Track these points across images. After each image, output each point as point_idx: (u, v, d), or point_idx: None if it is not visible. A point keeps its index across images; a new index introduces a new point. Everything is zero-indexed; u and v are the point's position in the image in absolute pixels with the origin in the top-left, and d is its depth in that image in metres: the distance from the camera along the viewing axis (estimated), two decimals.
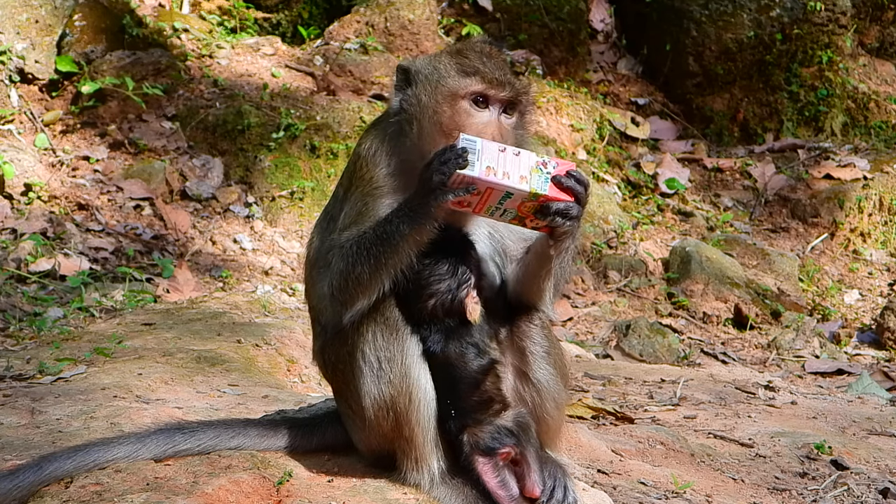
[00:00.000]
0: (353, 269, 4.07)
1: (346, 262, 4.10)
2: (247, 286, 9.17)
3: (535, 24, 12.50)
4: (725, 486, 5.19)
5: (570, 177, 3.99)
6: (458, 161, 3.89)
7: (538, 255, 4.20)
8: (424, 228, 4.00)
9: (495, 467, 4.12)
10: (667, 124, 12.60)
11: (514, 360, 4.28)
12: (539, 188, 3.95)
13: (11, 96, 10.58)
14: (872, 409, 6.83)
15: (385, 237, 4.04)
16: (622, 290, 10.18)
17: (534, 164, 3.96)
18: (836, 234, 11.26)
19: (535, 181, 3.95)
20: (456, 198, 3.93)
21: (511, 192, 3.94)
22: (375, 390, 4.12)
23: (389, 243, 4.03)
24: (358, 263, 4.06)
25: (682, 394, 6.87)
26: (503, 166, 3.92)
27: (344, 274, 4.09)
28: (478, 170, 3.90)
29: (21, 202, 9.77)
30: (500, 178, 3.91)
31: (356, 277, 4.07)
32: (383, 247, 4.03)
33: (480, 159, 3.90)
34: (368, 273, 4.05)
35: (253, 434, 4.42)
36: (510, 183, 3.92)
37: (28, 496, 4.16)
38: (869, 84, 12.88)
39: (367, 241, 4.07)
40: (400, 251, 4.03)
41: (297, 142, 10.59)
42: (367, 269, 4.05)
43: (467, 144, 3.92)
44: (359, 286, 4.08)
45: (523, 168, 3.94)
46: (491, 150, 3.94)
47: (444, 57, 4.24)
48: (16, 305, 8.17)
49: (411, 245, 4.03)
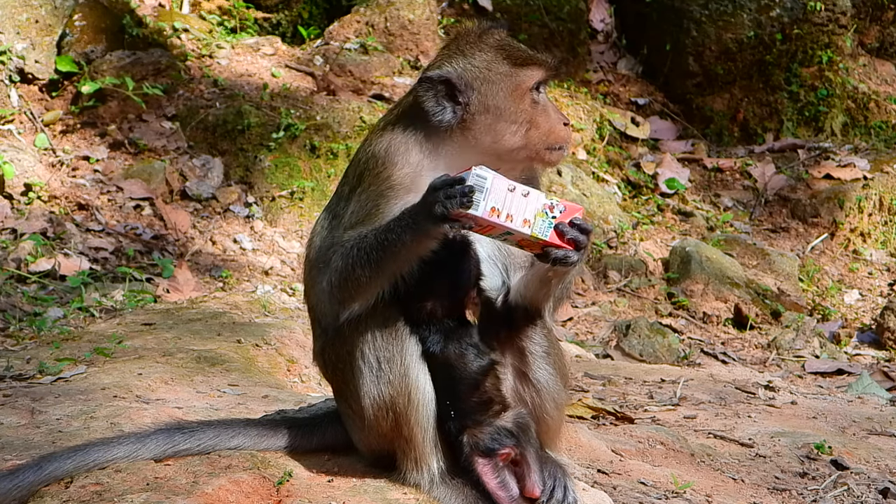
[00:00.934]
0: (352, 271, 4.07)
1: (345, 262, 4.09)
2: (247, 286, 9.17)
3: (535, 24, 12.49)
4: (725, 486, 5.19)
5: (573, 226, 3.98)
6: (461, 200, 3.86)
7: (539, 276, 4.21)
8: (424, 244, 4.00)
9: (495, 468, 4.12)
10: (667, 124, 12.60)
11: (514, 361, 4.28)
12: (541, 234, 3.94)
13: (11, 96, 10.58)
14: (872, 409, 6.83)
15: (386, 244, 4.02)
16: (622, 290, 10.18)
17: (540, 206, 3.94)
18: (836, 234, 11.26)
19: (538, 226, 3.93)
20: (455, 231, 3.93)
21: (511, 231, 3.95)
22: (375, 390, 4.12)
23: (390, 251, 4.02)
24: (357, 266, 4.06)
25: (682, 394, 6.87)
26: (508, 208, 3.90)
27: (343, 274, 4.09)
28: (482, 210, 3.87)
29: (21, 202, 9.77)
30: (503, 221, 3.90)
31: (355, 279, 4.07)
32: (384, 252, 4.02)
33: (487, 199, 3.87)
34: (367, 277, 4.05)
35: (253, 434, 4.42)
36: (511, 225, 3.91)
37: (28, 496, 4.16)
38: (869, 84, 12.88)
39: (367, 244, 4.05)
40: (400, 259, 4.03)
41: (297, 142, 10.59)
42: (366, 272, 4.05)
43: (477, 182, 3.88)
44: (357, 288, 4.08)
45: (528, 212, 3.92)
46: (499, 189, 3.90)
47: (486, 55, 4.20)
48: (16, 305, 8.17)
49: (412, 254, 4.02)
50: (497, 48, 4.22)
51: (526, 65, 4.18)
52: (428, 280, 4.13)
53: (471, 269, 4.18)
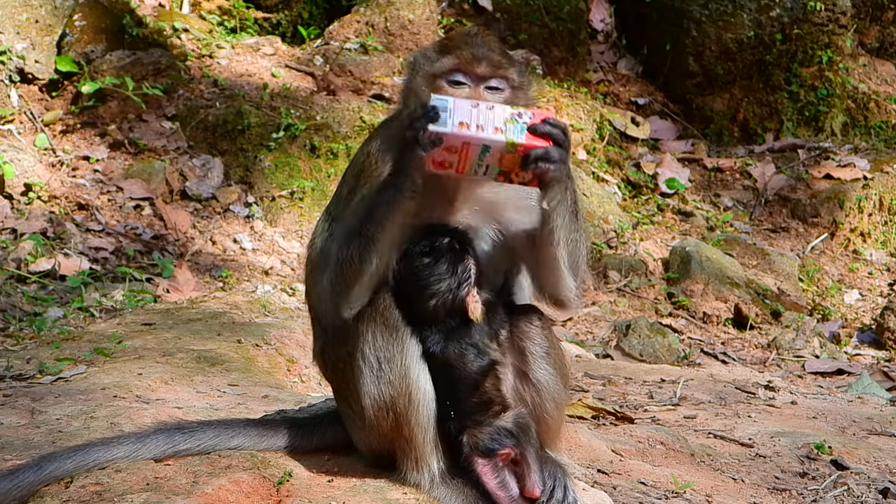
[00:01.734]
0: (345, 252, 4.07)
1: (338, 247, 4.11)
2: (247, 286, 9.17)
3: (535, 24, 12.50)
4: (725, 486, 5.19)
5: (545, 123, 3.97)
6: (427, 116, 3.89)
7: (540, 221, 4.14)
8: (404, 193, 3.99)
9: (495, 468, 4.12)
10: (667, 124, 12.60)
11: (514, 361, 4.27)
12: (515, 137, 3.94)
13: (11, 96, 10.58)
14: (872, 409, 6.83)
15: (370, 212, 4.04)
16: (622, 290, 10.18)
17: (508, 115, 3.96)
18: (836, 234, 11.26)
19: (510, 131, 3.94)
20: (430, 153, 3.92)
21: (488, 145, 3.93)
22: (375, 390, 4.12)
23: (374, 217, 4.03)
24: (349, 245, 4.06)
25: (682, 394, 6.87)
26: (476, 120, 3.92)
27: (338, 259, 4.10)
28: (450, 125, 3.90)
29: (21, 202, 9.77)
30: (474, 132, 3.91)
31: (348, 260, 4.06)
32: (370, 222, 4.03)
33: (453, 116, 3.91)
34: (358, 253, 4.04)
35: (253, 434, 4.42)
36: (484, 135, 3.91)
37: (28, 496, 4.15)
38: (869, 84, 12.88)
39: (356, 222, 4.07)
40: (384, 223, 4.02)
41: (297, 142, 10.59)
42: (356, 248, 4.05)
43: (438, 103, 3.93)
44: (351, 268, 4.06)
45: (498, 120, 3.94)
46: (463, 106, 3.94)
47: (433, 42, 4.25)
48: (16, 305, 8.17)
49: (395, 215, 4.01)
50: (445, 36, 4.25)
51: (444, 53, 4.16)
52: (428, 280, 4.13)
53: (470, 267, 4.18)
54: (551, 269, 4.20)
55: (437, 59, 4.16)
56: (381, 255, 4.06)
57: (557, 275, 4.20)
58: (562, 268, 4.18)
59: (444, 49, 4.17)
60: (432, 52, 4.20)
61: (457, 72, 4.12)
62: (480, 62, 4.11)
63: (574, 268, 4.20)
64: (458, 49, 4.13)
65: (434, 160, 3.96)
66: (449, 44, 4.19)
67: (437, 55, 4.17)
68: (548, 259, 4.18)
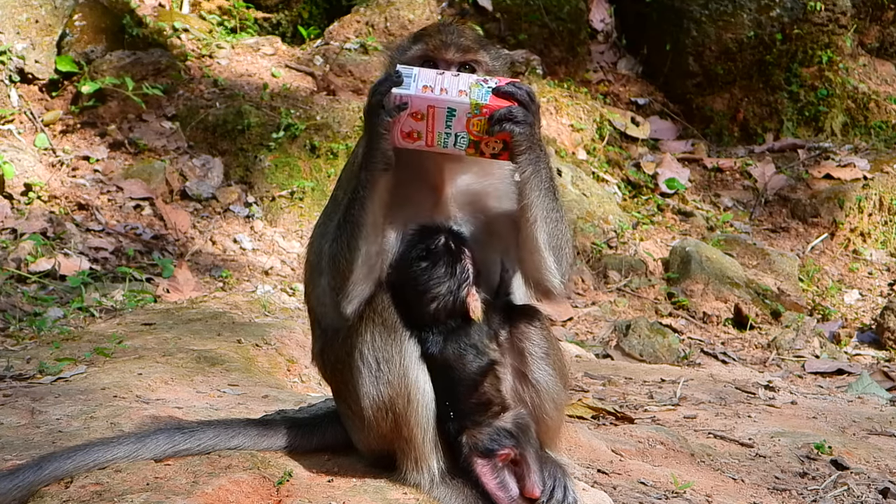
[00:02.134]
0: (336, 245, 4.09)
1: (330, 243, 4.13)
2: (247, 286, 9.17)
3: (535, 24, 12.49)
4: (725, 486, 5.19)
5: (510, 85, 3.98)
6: (391, 80, 3.93)
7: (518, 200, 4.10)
8: (377, 165, 3.99)
9: (494, 469, 4.12)
10: (667, 124, 12.60)
11: (514, 361, 4.27)
12: (480, 99, 3.95)
13: (11, 96, 10.58)
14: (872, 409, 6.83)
15: (351, 198, 4.07)
16: (622, 290, 10.18)
17: (474, 80, 3.99)
18: (836, 234, 11.26)
19: (475, 93, 3.96)
20: (395, 117, 3.93)
21: (453, 108, 3.94)
22: (374, 391, 4.12)
23: (354, 201, 4.05)
24: (339, 237, 4.09)
25: (682, 394, 6.87)
26: (441, 84, 3.96)
27: (330, 255, 4.12)
28: (414, 88, 3.94)
29: (21, 202, 9.77)
30: (438, 94, 3.94)
31: (340, 251, 4.08)
32: (352, 208, 4.05)
33: (417, 81, 3.95)
34: (346, 242, 4.06)
35: (253, 434, 4.42)
36: (448, 97, 3.94)
37: (28, 496, 4.16)
38: (869, 84, 12.88)
39: (342, 214, 4.10)
40: (365, 203, 4.03)
41: (297, 142, 10.59)
42: (345, 238, 4.07)
43: (403, 70, 3.98)
44: (343, 259, 4.07)
45: (462, 84, 3.97)
46: (428, 73, 3.99)
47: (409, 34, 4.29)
48: (16, 305, 8.17)
49: (372, 192, 4.02)
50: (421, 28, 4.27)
51: (415, 41, 4.20)
52: (428, 284, 4.13)
53: (468, 267, 4.17)
54: (531, 250, 4.13)
55: (409, 47, 4.20)
56: (368, 239, 4.06)
57: (538, 257, 4.13)
58: (541, 248, 4.11)
59: (417, 38, 4.22)
60: (405, 42, 4.25)
61: (426, 58, 4.15)
62: (449, 47, 4.15)
63: (556, 249, 4.12)
64: (429, 36, 4.18)
65: (402, 132, 3.98)
66: (421, 33, 4.23)
67: (409, 44, 4.22)
68: (527, 240, 4.12)
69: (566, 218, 4.20)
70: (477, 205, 4.23)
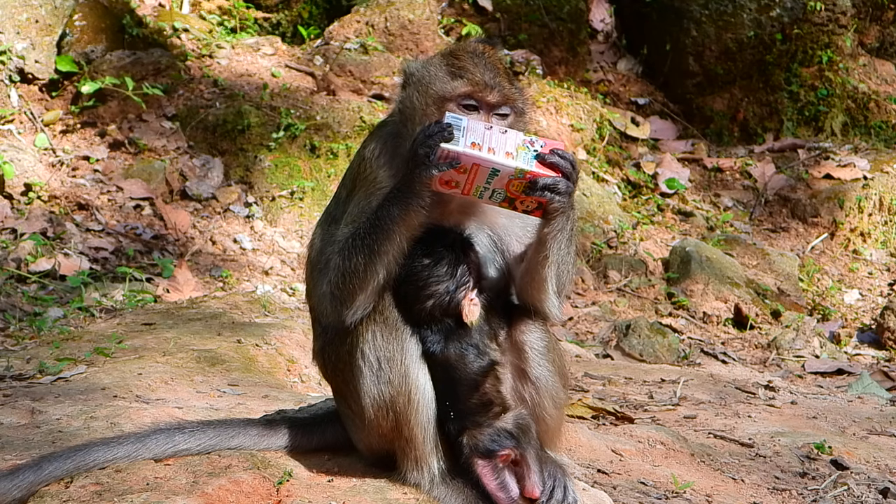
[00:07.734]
0: (349, 262, 4.08)
1: (342, 256, 4.11)
2: (247, 286, 9.17)
3: (535, 24, 12.49)
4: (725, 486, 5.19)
5: (554, 154, 4.01)
6: (442, 134, 3.92)
7: (535, 243, 4.18)
8: (412, 208, 4.01)
9: (494, 469, 4.12)
10: (667, 124, 12.60)
11: (513, 358, 4.28)
12: (525, 165, 3.96)
13: (11, 96, 10.57)
14: (872, 409, 6.83)
15: (377, 224, 4.05)
16: (622, 290, 10.18)
17: (520, 141, 3.99)
18: (836, 233, 11.26)
19: (521, 158, 3.97)
20: (441, 172, 3.94)
21: (497, 170, 3.95)
22: (375, 390, 4.12)
23: (381, 229, 4.04)
24: (353, 255, 4.07)
25: (682, 394, 6.87)
26: (489, 142, 3.95)
27: (341, 269, 4.10)
28: (462, 145, 3.92)
29: (21, 202, 9.76)
30: (486, 154, 3.93)
31: (352, 270, 4.07)
32: (376, 234, 4.04)
33: (465, 135, 3.93)
34: (363, 264, 4.06)
35: (253, 434, 4.42)
36: (495, 159, 3.94)
37: (28, 496, 4.16)
38: (869, 84, 12.88)
39: (360, 232, 4.08)
40: (392, 237, 4.03)
41: (297, 142, 10.59)
42: (361, 259, 4.06)
43: (453, 121, 3.95)
44: (355, 279, 4.07)
45: (509, 145, 3.97)
46: (476, 127, 3.97)
47: (437, 58, 4.26)
48: (16, 305, 8.17)
49: (402, 229, 4.03)
50: (450, 54, 4.24)
51: (455, 76, 4.15)
52: (427, 281, 4.13)
53: (470, 270, 4.18)
54: (539, 289, 4.23)
55: (448, 81, 4.15)
56: (388, 266, 4.08)
57: (544, 295, 4.24)
58: (549, 289, 4.23)
59: (455, 72, 4.16)
60: (440, 72, 4.18)
61: (469, 98, 4.14)
62: (493, 90, 4.14)
63: (560, 288, 4.25)
64: (470, 73, 4.14)
65: (441, 179, 3.97)
66: (458, 65, 4.17)
67: (447, 77, 4.16)
68: (537, 280, 4.22)
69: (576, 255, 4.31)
70: (484, 220, 4.27)
